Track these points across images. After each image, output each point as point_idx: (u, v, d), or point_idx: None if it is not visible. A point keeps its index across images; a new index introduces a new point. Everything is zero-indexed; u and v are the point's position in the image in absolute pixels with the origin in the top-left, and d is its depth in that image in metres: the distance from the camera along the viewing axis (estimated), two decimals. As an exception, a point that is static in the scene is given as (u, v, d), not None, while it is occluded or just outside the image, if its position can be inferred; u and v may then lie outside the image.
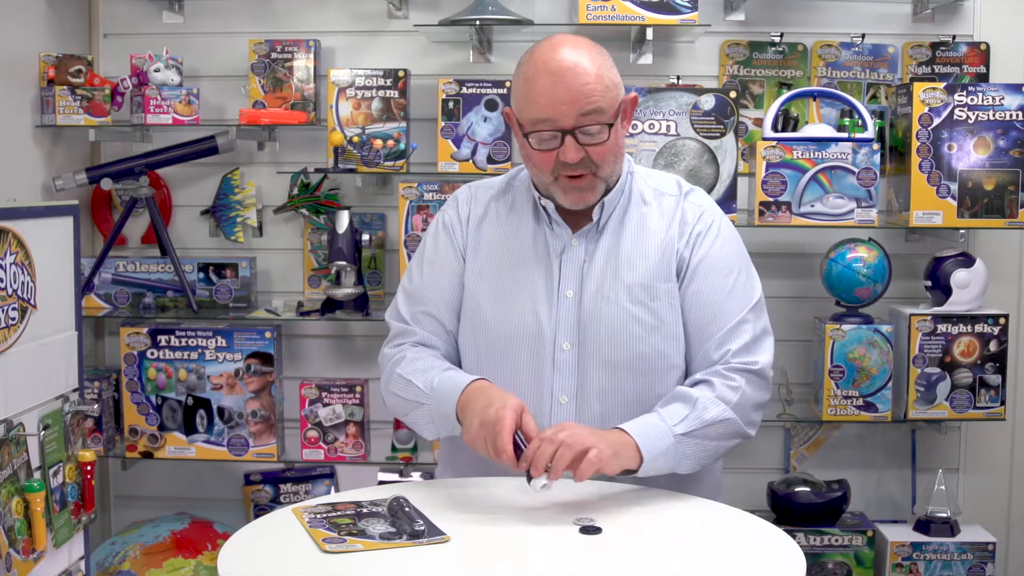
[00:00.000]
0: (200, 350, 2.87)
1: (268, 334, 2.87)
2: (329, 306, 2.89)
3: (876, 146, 2.73)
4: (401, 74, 2.87)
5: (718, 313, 1.92)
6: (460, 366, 2.01)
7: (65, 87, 2.80)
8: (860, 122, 2.77)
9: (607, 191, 1.95)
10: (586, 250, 1.96)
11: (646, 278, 1.93)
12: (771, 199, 2.73)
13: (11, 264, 1.78)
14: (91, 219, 3.08)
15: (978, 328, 2.78)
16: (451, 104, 2.85)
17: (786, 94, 2.81)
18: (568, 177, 1.88)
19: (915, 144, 2.73)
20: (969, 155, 2.73)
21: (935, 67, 2.96)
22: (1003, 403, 2.80)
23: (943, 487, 2.87)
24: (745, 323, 1.92)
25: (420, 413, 1.93)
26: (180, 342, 2.87)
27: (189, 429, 2.89)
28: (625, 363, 1.91)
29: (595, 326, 1.91)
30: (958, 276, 2.79)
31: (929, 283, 2.84)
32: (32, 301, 1.85)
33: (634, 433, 1.78)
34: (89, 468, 1.97)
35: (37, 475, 1.83)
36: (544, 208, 1.96)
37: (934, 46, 2.96)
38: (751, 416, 1.91)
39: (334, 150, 2.84)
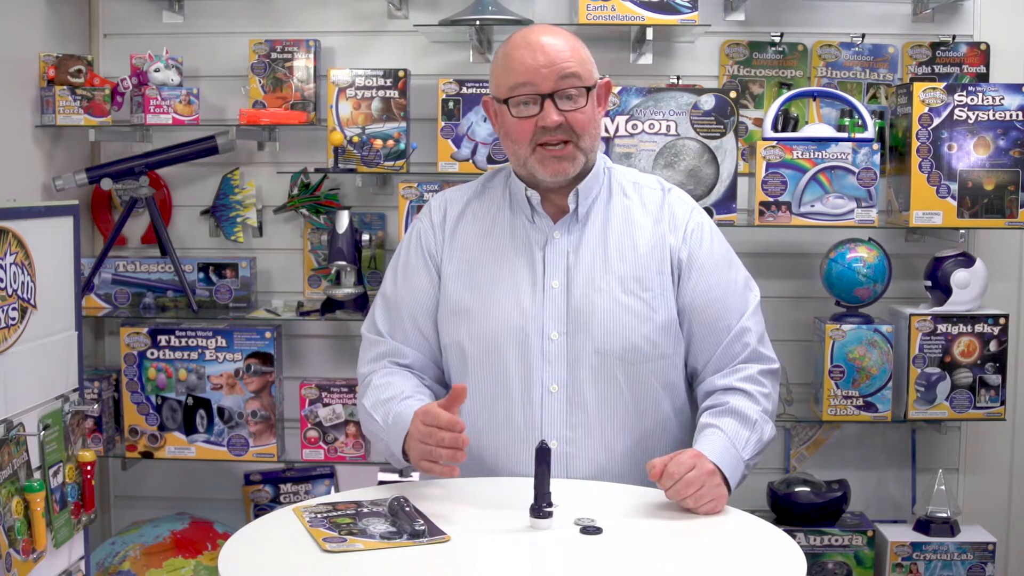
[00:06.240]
0: (200, 350, 2.87)
1: (268, 334, 2.87)
2: (329, 306, 2.89)
3: (876, 146, 2.73)
4: (401, 74, 2.87)
5: (731, 307, 2.00)
6: (442, 368, 2.06)
7: (65, 87, 2.80)
8: (860, 122, 2.76)
9: (582, 176, 1.98)
10: (569, 241, 1.99)
11: (637, 269, 1.98)
12: (771, 199, 2.72)
13: (11, 264, 1.78)
14: (91, 219, 3.07)
15: (978, 328, 2.78)
16: (451, 104, 2.85)
17: (786, 94, 2.81)
18: (546, 146, 1.92)
19: (915, 144, 2.72)
20: (969, 155, 2.73)
21: (935, 67, 2.96)
22: (1003, 403, 2.80)
23: (943, 487, 2.86)
24: (755, 315, 2.01)
25: (381, 447, 1.97)
26: (180, 342, 2.87)
27: (189, 429, 2.89)
28: (617, 352, 1.95)
29: (587, 316, 1.95)
30: (958, 276, 2.79)
31: (929, 283, 2.84)
32: (32, 301, 1.85)
33: (722, 467, 1.81)
34: (89, 468, 1.98)
35: (37, 475, 1.83)
36: (528, 199, 1.99)
37: (934, 46, 2.96)
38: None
39: (334, 150, 2.83)
